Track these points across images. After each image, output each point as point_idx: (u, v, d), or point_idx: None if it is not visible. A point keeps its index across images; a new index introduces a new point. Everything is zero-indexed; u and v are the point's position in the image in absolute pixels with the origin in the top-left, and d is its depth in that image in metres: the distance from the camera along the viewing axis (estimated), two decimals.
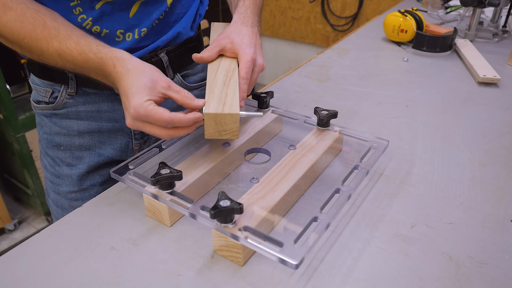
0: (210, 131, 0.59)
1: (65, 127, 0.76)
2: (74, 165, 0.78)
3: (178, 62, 0.80)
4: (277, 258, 0.46)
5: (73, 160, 0.78)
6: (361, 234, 0.56)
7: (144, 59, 0.72)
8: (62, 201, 0.82)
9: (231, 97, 0.61)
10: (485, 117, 0.86)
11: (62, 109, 0.75)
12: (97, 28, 0.68)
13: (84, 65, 0.60)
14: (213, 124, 0.59)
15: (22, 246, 0.55)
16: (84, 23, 0.67)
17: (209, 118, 0.58)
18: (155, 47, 0.74)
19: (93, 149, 0.78)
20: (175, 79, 0.81)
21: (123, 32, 0.71)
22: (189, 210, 0.52)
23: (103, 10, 0.67)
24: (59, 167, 0.79)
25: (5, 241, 1.88)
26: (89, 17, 0.67)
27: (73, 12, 0.66)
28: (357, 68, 1.09)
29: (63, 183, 0.80)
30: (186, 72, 0.83)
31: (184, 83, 0.83)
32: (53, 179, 0.81)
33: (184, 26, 0.77)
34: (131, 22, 0.71)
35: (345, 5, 2.37)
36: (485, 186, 0.65)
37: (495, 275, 0.50)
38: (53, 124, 0.77)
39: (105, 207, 0.61)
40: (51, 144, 0.79)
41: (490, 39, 1.29)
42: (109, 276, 0.50)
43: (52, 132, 0.78)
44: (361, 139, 0.69)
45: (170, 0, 0.74)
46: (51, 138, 0.78)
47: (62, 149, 0.78)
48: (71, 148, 0.77)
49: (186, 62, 0.82)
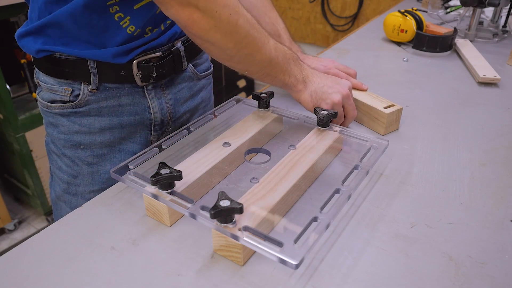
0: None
1: (85, 125, 0.76)
2: (95, 163, 0.78)
3: (190, 52, 0.82)
4: (277, 258, 0.46)
5: (94, 158, 0.78)
6: (361, 234, 0.56)
7: (164, 49, 0.76)
8: (79, 202, 0.80)
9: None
10: (485, 117, 0.86)
11: (83, 106, 0.74)
12: (132, 27, 0.69)
13: (291, 58, 0.71)
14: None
15: (22, 246, 0.55)
16: (121, 22, 0.68)
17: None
18: (173, 34, 0.76)
19: (113, 145, 0.78)
20: (188, 68, 0.83)
21: (151, 29, 0.73)
22: (189, 210, 0.52)
23: (141, 10, 0.68)
24: (78, 167, 0.79)
25: (5, 241, 1.88)
26: (127, 16, 0.68)
27: (109, 11, 0.66)
28: (357, 68, 1.08)
29: (81, 183, 0.79)
30: (196, 61, 0.86)
31: (195, 72, 0.85)
32: (71, 180, 0.80)
33: None
34: (157, 18, 0.72)
35: (345, 5, 2.37)
36: (485, 186, 0.65)
37: (495, 275, 0.50)
38: (72, 123, 0.76)
39: (105, 207, 0.61)
40: (70, 144, 0.78)
41: (490, 39, 1.29)
42: (109, 276, 0.50)
43: (71, 131, 0.77)
44: (361, 139, 0.69)
45: None
46: (69, 138, 0.77)
47: (82, 148, 0.77)
48: (92, 146, 0.77)
49: (196, 52, 0.85)
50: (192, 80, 0.85)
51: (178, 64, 0.79)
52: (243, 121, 0.74)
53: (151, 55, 0.74)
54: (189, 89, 0.85)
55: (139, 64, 0.73)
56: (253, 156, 0.71)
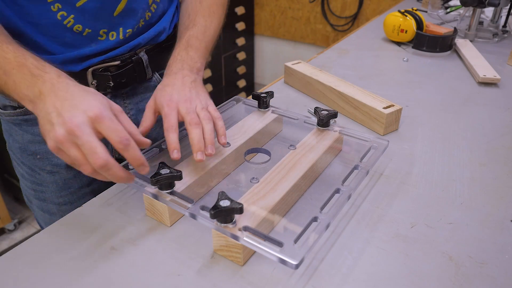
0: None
1: (38, 134, 0.71)
2: (56, 172, 0.75)
3: (157, 61, 0.78)
4: (277, 258, 0.46)
5: (53, 167, 0.75)
6: (361, 234, 0.56)
7: (124, 58, 0.72)
8: (50, 206, 0.78)
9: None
10: (485, 117, 0.86)
11: (33, 113, 0.71)
12: (79, 26, 0.65)
13: (17, 65, 0.53)
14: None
15: (22, 246, 0.55)
16: (65, 21, 0.64)
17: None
18: (136, 45, 0.73)
19: None
20: (154, 78, 0.80)
21: (106, 32, 0.69)
22: (189, 210, 0.52)
23: (86, 7, 0.64)
24: (39, 175, 0.76)
25: (5, 241, 1.88)
26: (70, 14, 0.64)
27: (51, 9, 0.63)
28: (357, 68, 1.09)
29: (47, 190, 0.77)
30: (163, 71, 0.81)
31: None
32: (35, 187, 0.77)
33: (164, 25, 0.76)
34: (115, 21, 0.68)
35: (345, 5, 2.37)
36: (485, 186, 0.65)
37: (495, 275, 0.50)
38: (24, 132, 0.72)
39: (105, 207, 0.61)
40: (26, 154, 0.74)
41: (490, 39, 1.29)
42: (109, 276, 0.50)
43: (25, 141, 0.73)
44: (361, 139, 0.69)
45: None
46: (24, 147, 0.74)
47: (39, 157, 0.74)
48: (49, 156, 0.74)
49: (164, 60, 0.80)
50: None
51: (140, 73, 0.75)
52: (243, 121, 0.74)
53: (109, 64, 0.70)
54: None
55: (95, 72, 0.69)
56: (253, 156, 0.71)
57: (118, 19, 0.69)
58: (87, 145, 0.47)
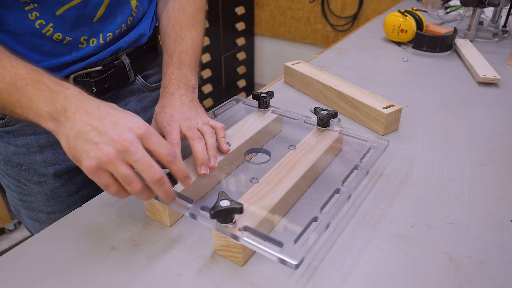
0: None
1: (22, 145, 0.70)
2: (43, 182, 0.74)
3: (138, 64, 0.78)
4: (277, 258, 0.46)
5: (40, 177, 0.73)
6: (361, 234, 0.56)
7: (106, 63, 0.71)
8: (39, 216, 0.77)
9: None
10: (485, 117, 0.86)
11: (15, 124, 0.68)
12: (59, 35, 0.64)
13: (31, 81, 0.50)
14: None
15: (22, 246, 0.55)
16: (44, 30, 0.62)
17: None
18: (118, 49, 0.72)
19: (58, 162, 0.73)
20: (137, 80, 0.79)
21: (86, 39, 0.67)
22: (189, 210, 0.52)
23: (65, 16, 0.62)
24: (26, 186, 0.74)
25: (5, 241, 1.88)
26: (49, 23, 0.62)
27: (29, 17, 0.60)
28: (357, 68, 1.09)
29: (35, 200, 0.75)
30: (146, 73, 0.82)
31: (145, 84, 0.81)
32: (23, 197, 0.76)
33: (145, 27, 0.76)
34: (94, 27, 0.67)
35: (345, 5, 2.37)
36: (485, 186, 0.65)
37: (495, 275, 0.50)
38: (7, 144, 0.71)
39: (105, 207, 0.61)
40: (11, 165, 0.73)
41: (490, 39, 1.29)
42: (109, 276, 0.50)
43: (8, 152, 0.71)
44: (361, 139, 0.69)
45: (135, 3, 0.72)
46: (8, 159, 0.72)
47: (24, 169, 0.72)
48: (34, 166, 0.72)
49: (146, 62, 0.80)
50: (142, 93, 0.81)
51: (123, 77, 0.75)
52: (243, 121, 0.74)
53: (90, 69, 0.69)
54: (139, 101, 0.81)
55: (77, 79, 0.68)
56: (253, 156, 0.71)
57: (98, 25, 0.68)
58: (143, 160, 0.46)
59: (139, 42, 0.76)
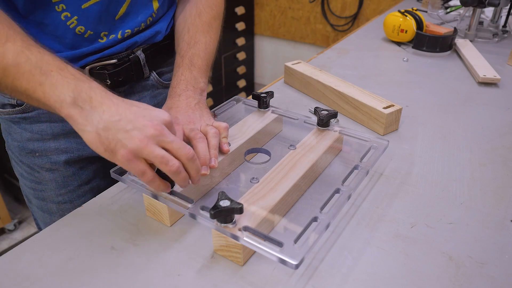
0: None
1: (37, 132, 0.72)
2: (55, 169, 0.76)
3: (154, 60, 0.79)
4: (277, 258, 0.46)
5: (52, 165, 0.75)
6: (361, 234, 0.56)
7: (121, 57, 0.72)
8: (49, 206, 0.79)
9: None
10: (485, 117, 0.86)
11: (32, 111, 0.70)
12: (82, 28, 0.66)
13: (56, 67, 0.50)
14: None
15: (22, 246, 0.55)
16: (69, 22, 0.64)
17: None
18: (133, 43, 0.73)
19: (70, 151, 0.75)
20: (151, 77, 0.80)
21: (106, 34, 0.69)
22: (189, 210, 0.52)
23: (90, 10, 0.65)
24: (38, 173, 0.76)
25: (5, 241, 1.88)
26: (74, 15, 0.64)
27: (55, 9, 0.63)
28: (357, 68, 1.09)
29: (46, 188, 0.77)
30: (161, 69, 0.83)
31: (160, 81, 0.82)
32: (34, 186, 0.78)
33: (162, 26, 0.77)
34: (116, 24, 0.69)
35: (345, 5, 2.37)
36: (485, 186, 0.65)
37: (495, 275, 0.50)
38: (23, 130, 0.73)
39: (105, 207, 0.61)
40: (25, 152, 0.75)
41: (490, 39, 1.29)
42: (109, 276, 0.50)
43: (24, 139, 0.74)
44: (361, 139, 0.69)
45: (157, 5, 0.73)
46: (23, 145, 0.74)
47: (38, 155, 0.74)
48: (48, 153, 0.74)
49: (161, 59, 0.81)
50: (156, 89, 0.82)
51: (137, 72, 0.76)
52: (243, 121, 0.74)
53: (105, 62, 0.70)
54: (153, 97, 0.82)
55: (92, 70, 0.70)
56: (253, 156, 0.71)
57: (119, 22, 0.70)
58: (177, 140, 0.49)
59: (154, 39, 0.77)
